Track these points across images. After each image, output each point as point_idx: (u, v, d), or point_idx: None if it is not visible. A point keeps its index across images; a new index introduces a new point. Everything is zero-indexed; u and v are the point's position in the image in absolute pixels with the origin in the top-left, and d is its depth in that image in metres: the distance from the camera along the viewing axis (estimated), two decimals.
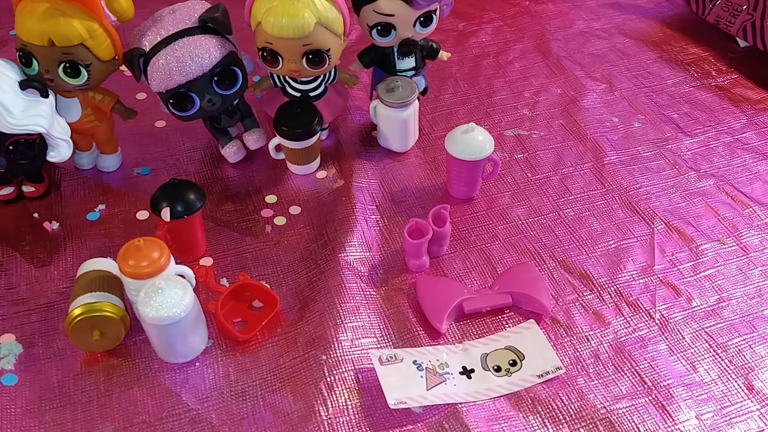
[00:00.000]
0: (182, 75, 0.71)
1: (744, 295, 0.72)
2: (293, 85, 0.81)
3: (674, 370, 0.65)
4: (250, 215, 0.78)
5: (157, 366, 0.63)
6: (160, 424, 0.59)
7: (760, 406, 0.62)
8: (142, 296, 0.59)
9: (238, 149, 0.82)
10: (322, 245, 0.74)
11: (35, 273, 0.71)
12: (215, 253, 0.74)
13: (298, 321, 0.67)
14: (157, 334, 0.61)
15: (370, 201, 0.80)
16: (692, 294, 0.71)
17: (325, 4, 0.73)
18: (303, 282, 0.71)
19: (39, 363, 0.63)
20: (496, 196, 0.81)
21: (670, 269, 0.74)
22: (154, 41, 0.71)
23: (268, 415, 0.60)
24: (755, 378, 0.64)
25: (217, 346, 0.65)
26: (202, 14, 0.73)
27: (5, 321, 0.67)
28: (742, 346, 0.67)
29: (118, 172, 0.83)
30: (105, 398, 0.61)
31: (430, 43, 0.84)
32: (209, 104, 0.74)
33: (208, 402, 0.61)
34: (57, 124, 0.72)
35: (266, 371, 0.63)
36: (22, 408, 0.60)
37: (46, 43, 0.68)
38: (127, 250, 0.62)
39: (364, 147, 0.87)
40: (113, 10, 0.72)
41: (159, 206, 0.68)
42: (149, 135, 0.87)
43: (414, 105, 0.82)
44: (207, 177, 0.82)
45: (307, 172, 0.83)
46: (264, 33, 0.73)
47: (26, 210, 0.78)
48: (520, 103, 0.94)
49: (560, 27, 1.10)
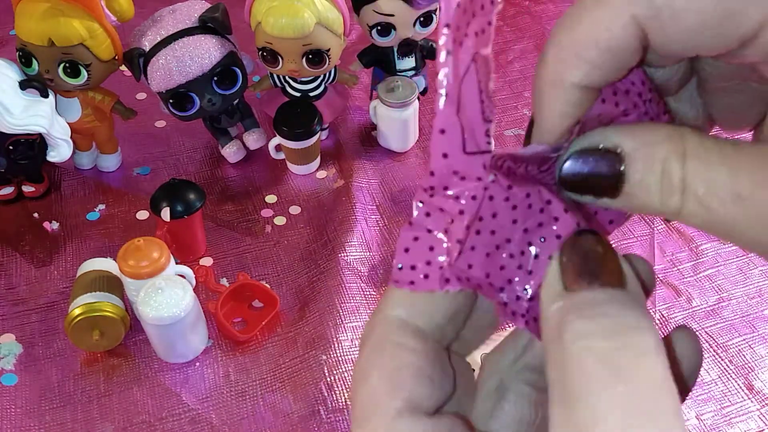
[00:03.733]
0: (182, 75, 0.71)
1: (744, 295, 0.72)
2: (293, 85, 0.81)
3: None
4: (250, 215, 0.78)
5: (157, 366, 0.63)
6: (160, 424, 0.59)
7: (760, 406, 0.62)
8: (142, 296, 0.59)
9: (238, 149, 0.82)
10: (322, 245, 0.74)
11: (35, 273, 0.71)
12: (215, 253, 0.74)
13: (298, 321, 0.67)
14: (157, 334, 0.61)
15: (370, 201, 0.80)
16: (692, 294, 0.71)
17: (325, 4, 0.73)
18: (303, 282, 0.71)
19: (39, 363, 0.63)
20: None
21: (670, 269, 0.74)
22: (154, 41, 0.71)
23: (268, 415, 0.60)
24: (755, 378, 0.64)
25: (217, 346, 0.65)
26: (202, 14, 0.73)
27: (5, 321, 0.67)
28: (742, 346, 0.67)
29: (118, 172, 0.83)
30: (105, 398, 0.61)
31: (430, 43, 0.84)
32: (209, 104, 0.74)
33: (208, 402, 0.61)
34: (57, 124, 0.72)
35: (266, 371, 0.63)
36: (22, 408, 0.60)
37: (46, 43, 0.68)
38: (127, 250, 0.62)
39: (364, 147, 0.87)
40: (113, 10, 0.72)
41: (159, 206, 0.68)
42: (149, 135, 0.87)
43: (414, 105, 0.82)
44: (207, 177, 0.82)
45: (307, 172, 0.83)
46: (264, 33, 0.73)
47: (26, 210, 0.78)
48: (520, 103, 0.94)
49: None
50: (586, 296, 0.18)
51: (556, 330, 0.18)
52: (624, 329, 0.17)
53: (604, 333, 0.17)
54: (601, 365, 0.16)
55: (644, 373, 0.16)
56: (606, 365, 0.16)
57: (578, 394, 0.16)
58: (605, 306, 0.18)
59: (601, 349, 0.17)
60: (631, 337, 0.17)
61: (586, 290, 0.18)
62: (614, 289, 0.18)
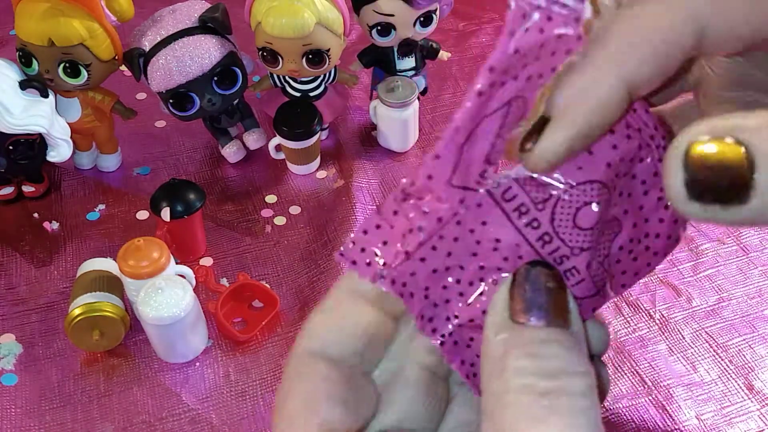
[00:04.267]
0: (182, 75, 0.71)
1: (744, 295, 0.72)
2: (293, 85, 0.81)
3: (674, 370, 0.65)
4: (250, 215, 0.78)
5: (157, 366, 0.63)
6: (160, 424, 0.59)
7: (760, 406, 0.62)
8: (142, 296, 0.59)
9: (238, 149, 0.82)
10: (322, 245, 0.74)
11: (35, 273, 0.71)
12: (215, 253, 0.74)
13: (298, 321, 0.67)
14: (157, 334, 0.61)
15: (370, 201, 0.80)
16: (692, 294, 0.71)
17: (325, 4, 0.73)
18: (303, 282, 0.71)
19: (39, 363, 0.63)
20: None
21: (670, 269, 0.74)
22: (154, 41, 0.71)
23: (268, 415, 0.60)
24: (755, 378, 0.64)
25: (217, 346, 0.65)
26: (202, 14, 0.73)
27: (5, 321, 0.67)
28: (742, 346, 0.67)
29: (118, 172, 0.83)
30: (105, 398, 0.61)
31: (430, 43, 0.84)
32: (209, 104, 0.74)
33: (208, 402, 0.61)
34: (57, 124, 0.72)
35: (266, 371, 0.63)
36: (22, 408, 0.60)
37: (46, 43, 0.68)
38: (127, 250, 0.62)
39: (364, 147, 0.87)
40: (113, 10, 0.72)
41: (159, 206, 0.68)
42: (149, 135, 0.87)
43: (414, 105, 0.82)
44: (207, 177, 0.82)
45: (307, 172, 0.83)
46: (264, 33, 0.73)
47: (26, 210, 0.78)
48: None
49: None
50: (532, 334, 0.19)
51: (498, 363, 0.19)
52: (563, 372, 0.18)
53: (545, 373, 0.18)
54: (539, 403, 0.18)
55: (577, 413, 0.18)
56: (543, 403, 0.18)
57: (514, 426, 0.18)
58: (549, 347, 0.19)
59: (541, 388, 0.18)
60: (568, 380, 0.18)
61: (531, 328, 0.19)
62: (559, 329, 0.19)
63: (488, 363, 0.19)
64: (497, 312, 0.20)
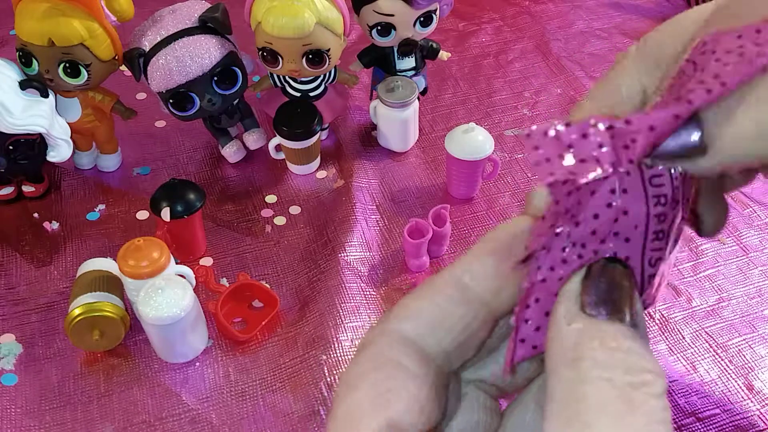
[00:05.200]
0: (182, 75, 0.71)
1: (744, 295, 0.72)
2: (293, 85, 0.81)
3: (674, 369, 0.65)
4: (250, 215, 0.78)
5: (157, 366, 0.63)
6: (160, 424, 0.59)
7: (760, 406, 0.62)
8: (142, 296, 0.59)
9: (238, 149, 0.82)
10: (322, 245, 0.74)
11: (35, 273, 0.71)
12: (215, 253, 0.74)
13: (298, 321, 0.67)
14: (157, 334, 0.61)
15: (370, 201, 0.80)
16: (692, 294, 0.71)
17: (325, 4, 0.73)
18: (303, 282, 0.71)
19: (39, 363, 0.64)
20: (496, 196, 0.81)
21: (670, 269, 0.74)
22: (154, 41, 0.71)
23: (268, 415, 0.60)
24: (755, 378, 0.64)
25: (217, 346, 0.65)
26: (202, 14, 0.73)
27: (5, 321, 0.67)
28: (742, 346, 0.67)
29: (118, 172, 0.83)
30: (105, 398, 0.61)
31: (430, 43, 0.84)
32: (209, 104, 0.74)
33: (208, 402, 0.61)
34: (57, 124, 0.72)
35: (266, 371, 0.63)
36: (22, 408, 0.60)
37: (46, 43, 0.68)
38: (127, 250, 0.62)
39: (364, 147, 0.87)
40: (113, 10, 0.72)
41: (159, 206, 0.68)
42: (149, 135, 0.87)
43: (414, 105, 0.82)
44: (207, 177, 0.82)
45: (307, 172, 0.83)
46: (264, 33, 0.73)
47: (26, 210, 0.78)
48: (520, 103, 0.94)
49: (560, 27, 1.10)
50: (608, 327, 0.18)
51: (571, 351, 0.18)
52: (641, 369, 0.18)
53: (626, 369, 0.18)
54: (618, 397, 0.17)
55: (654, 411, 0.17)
56: (622, 398, 0.17)
57: (589, 418, 0.17)
58: (628, 342, 0.18)
59: (620, 383, 0.17)
60: (646, 377, 0.18)
61: (606, 321, 0.19)
62: (633, 328, 0.19)
63: (560, 349, 0.19)
64: (571, 301, 0.19)
